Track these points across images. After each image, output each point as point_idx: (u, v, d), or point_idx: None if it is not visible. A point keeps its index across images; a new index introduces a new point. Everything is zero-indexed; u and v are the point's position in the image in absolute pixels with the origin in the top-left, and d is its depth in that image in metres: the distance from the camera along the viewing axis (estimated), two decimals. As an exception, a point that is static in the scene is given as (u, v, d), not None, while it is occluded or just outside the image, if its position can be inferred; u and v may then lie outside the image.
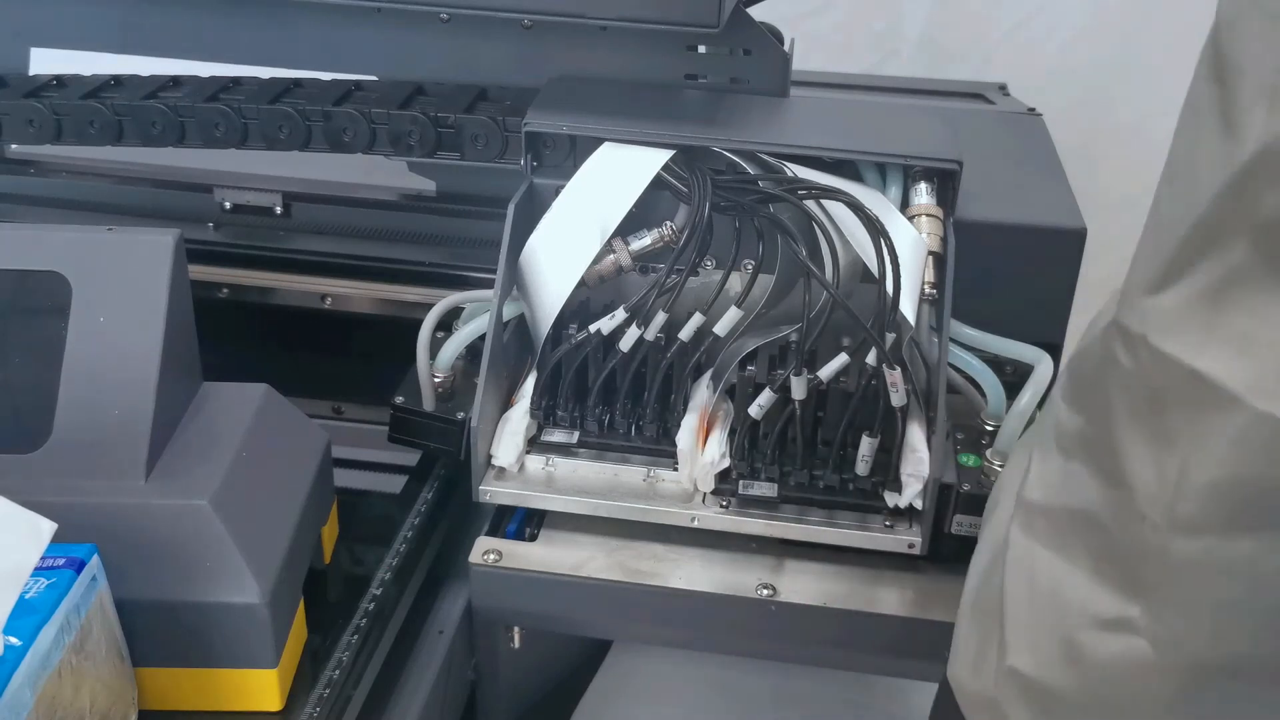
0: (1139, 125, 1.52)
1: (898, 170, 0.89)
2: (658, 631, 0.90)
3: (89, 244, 0.73)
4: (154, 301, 0.72)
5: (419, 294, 1.04)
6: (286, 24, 1.05)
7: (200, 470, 0.71)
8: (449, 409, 0.89)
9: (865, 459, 0.83)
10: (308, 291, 1.06)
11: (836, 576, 0.85)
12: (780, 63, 0.98)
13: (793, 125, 0.93)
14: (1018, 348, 0.87)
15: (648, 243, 0.87)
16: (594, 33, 0.97)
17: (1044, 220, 0.91)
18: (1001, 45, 1.57)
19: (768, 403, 0.82)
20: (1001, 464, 0.83)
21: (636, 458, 0.88)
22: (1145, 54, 1.51)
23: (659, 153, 0.86)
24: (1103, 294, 0.61)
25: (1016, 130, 1.12)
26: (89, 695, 0.63)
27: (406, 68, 1.05)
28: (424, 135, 1.00)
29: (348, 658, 0.77)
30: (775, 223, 0.82)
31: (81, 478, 0.69)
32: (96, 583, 0.64)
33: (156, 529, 0.69)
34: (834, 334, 0.81)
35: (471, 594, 0.87)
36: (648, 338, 0.83)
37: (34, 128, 1.03)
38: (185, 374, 0.77)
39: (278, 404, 0.80)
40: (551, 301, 0.85)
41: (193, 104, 1.01)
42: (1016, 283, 0.90)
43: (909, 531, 0.83)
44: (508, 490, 0.86)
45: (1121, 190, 1.53)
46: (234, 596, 0.68)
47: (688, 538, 0.87)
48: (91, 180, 1.15)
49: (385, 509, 0.92)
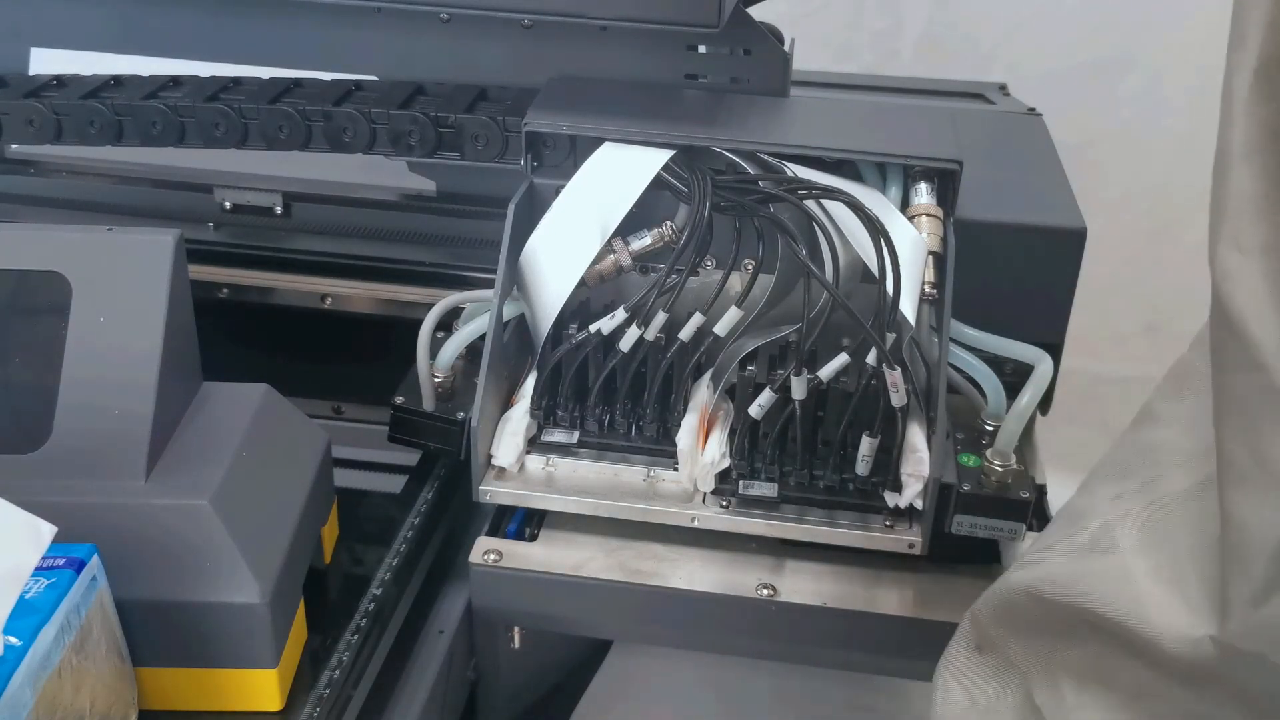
0: (1139, 125, 1.52)
1: (898, 170, 0.89)
2: (658, 631, 0.90)
3: (89, 244, 0.73)
4: (154, 301, 0.72)
5: (419, 294, 1.04)
6: (286, 24, 1.05)
7: (200, 470, 0.71)
8: (449, 409, 0.89)
9: (865, 459, 0.83)
10: (308, 291, 1.06)
11: (836, 576, 0.85)
12: (780, 63, 0.98)
13: (793, 125, 0.93)
14: (1018, 348, 0.87)
15: (648, 243, 0.87)
16: (594, 33, 0.97)
17: (1044, 220, 0.91)
18: (1001, 45, 1.57)
19: (768, 403, 0.82)
20: (1001, 464, 0.83)
21: (636, 458, 0.88)
22: (1145, 54, 1.51)
23: (659, 153, 0.86)
24: (1103, 294, 0.60)
25: (1016, 130, 1.12)
26: (89, 695, 0.63)
27: (406, 68, 1.05)
28: (424, 135, 1.00)
29: (348, 658, 0.77)
30: (775, 223, 0.81)
31: (81, 478, 0.69)
32: (96, 583, 0.64)
33: (156, 529, 0.69)
34: (834, 334, 0.81)
35: (471, 594, 0.87)
36: (648, 338, 0.83)
37: (34, 128, 1.03)
38: (185, 374, 0.77)
39: (278, 404, 0.80)
40: (551, 301, 0.85)
41: (193, 104, 1.01)
42: (1016, 283, 0.90)
43: (909, 531, 0.83)
44: (508, 490, 0.86)
45: (1121, 190, 1.53)
46: (234, 596, 0.68)
47: (688, 538, 0.87)
48: (91, 180, 1.15)
49: (385, 509, 0.92)
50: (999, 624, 0.66)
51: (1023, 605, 0.64)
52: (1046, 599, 0.61)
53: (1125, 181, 1.52)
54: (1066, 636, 0.62)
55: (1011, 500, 0.81)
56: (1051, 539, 0.64)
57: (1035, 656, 0.64)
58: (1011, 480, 0.81)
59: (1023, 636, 0.65)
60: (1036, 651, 0.64)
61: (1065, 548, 0.62)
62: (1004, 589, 0.66)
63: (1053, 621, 0.62)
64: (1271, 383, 0.46)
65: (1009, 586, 0.65)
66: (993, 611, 0.67)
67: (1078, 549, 0.61)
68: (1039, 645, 0.64)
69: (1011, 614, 0.65)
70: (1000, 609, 0.66)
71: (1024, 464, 0.83)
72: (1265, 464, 0.47)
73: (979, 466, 0.83)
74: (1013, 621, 0.66)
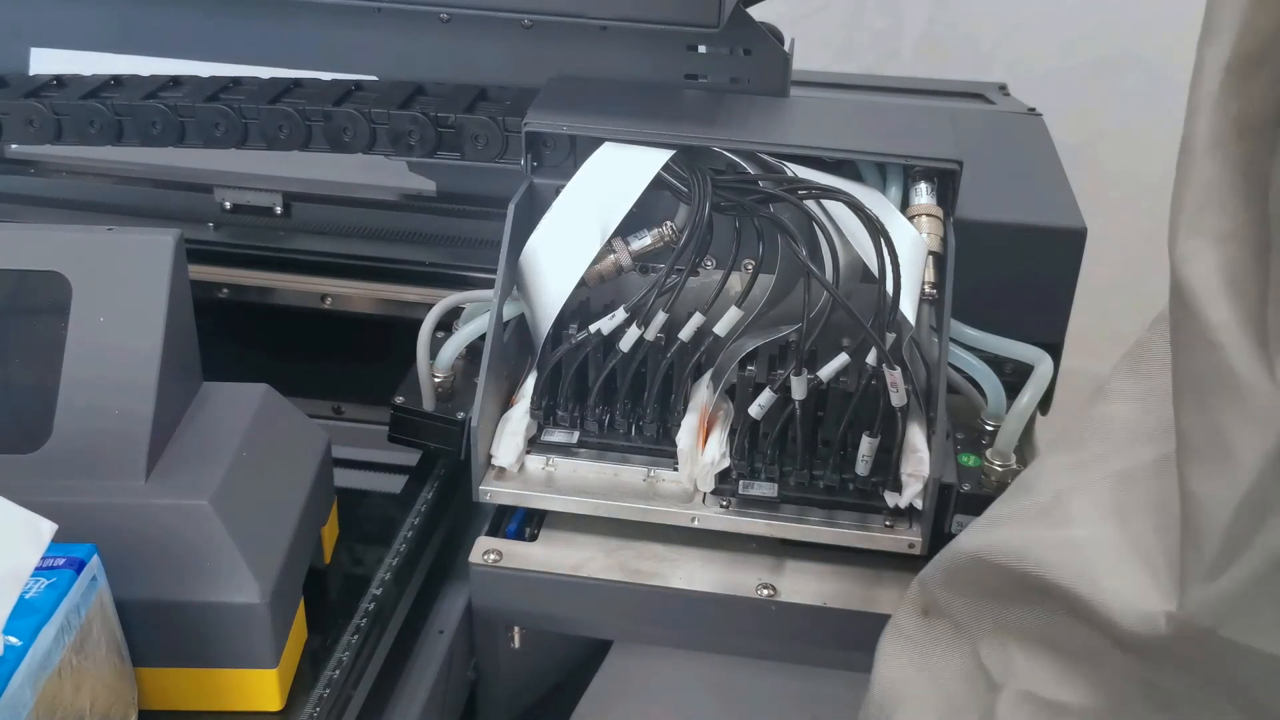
0: (1139, 125, 1.52)
1: (898, 170, 0.89)
2: (658, 631, 0.90)
3: (89, 244, 0.73)
4: (154, 301, 0.72)
5: (419, 294, 1.04)
6: (286, 24, 1.05)
7: (200, 470, 0.71)
8: (449, 409, 0.89)
9: (865, 459, 0.83)
10: (308, 291, 1.06)
11: (836, 576, 0.85)
12: (780, 63, 0.98)
13: (793, 125, 0.93)
14: (1018, 348, 0.87)
15: (648, 243, 0.87)
16: (594, 33, 0.97)
17: (1044, 220, 0.91)
18: (1001, 45, 1.57)
19: (768, 403, 0.82)
20: (1001, 464, 0.83)
21: (636, 458, 0.88)
22: (1145, 54, 1.51)
23: (659, 153, 0.86)
24: (1103, 294, 0.61)
25: (1016, 130, 1.12)
26: (89, 695, 0.63)
27: (406, 68, 1.05)
28: (424, 135, 1.00)
29: (348, 658, 0.77)
30: (775, 223, 0.81)
31: (81, 478, 0.69)
32: (96, 583, 0.64)
33: (156, 529, 0.69)
34: (834, 334, 0.81)
35: (471, 594, 0.87)
36: (648, 338, 0.83)
37: (34, 128, 1.03)
38: (185, 374, 0.77)
39: (278, 404, 0.80)
40: (551, 301, 0.85)
41: (193, 104, 1.01)
42: (1016, 283, 0.90)
43: (909, 531, 0.83)
44: (508, 490, 0.86)
45: (1121, 190, 1.53)
46: (234, 596, 0.68)
47: (688, 538, 0.87)
48: (91, 180, 1.15)
49: (385, 509, 0.92)
50: (947, 588, 0.67)
51: (971, 569, 0.64)
52: (996, 564, 0.62)
53: (1125, 181, 1.52)
54: (1016, 601, 0.62)
55: (1011, 500, 0.81)
56: (1002, 507, 0.64)
57: (983, 619, 0.65)
58: (1011, 480, 0.81)
59: (971, 599, 0.65)
60: (984, 614, 0.65)
61: (1015, 515, 0.63)
62: (952, 554, 0.66)
63: (1002, 586, 0.62)
64: (1224, 360, 0.48)
65: (957, 551, 0.66)
66: (941, 576, 0.67)
67: (1028, 517, 0.61)
68: (987, 608, 0.64)
69: (960, 578, 0.66)
70: (948, 573, 0.67)
71: (1024, 464, 0.83)
72: (1218, 440, 0.48)
73: (979, 466, 0.83)
74: (961, 585, 0.66)
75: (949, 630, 0.67)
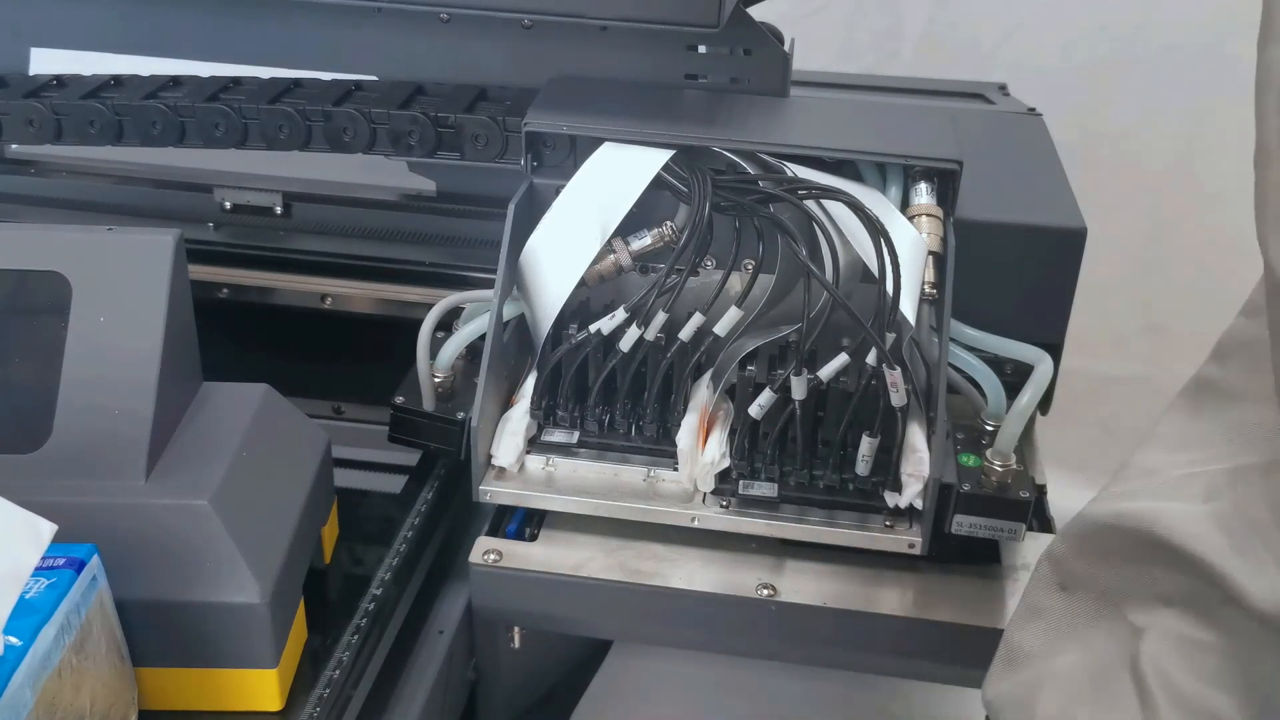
0: (1138, 125, 1.52)
1: (898, 170, 0.89)
2: (658, 631, 0.90)
3: (89, 244, 0.73)
4: (154, 301, 0.72)
5: (419, 294, 1.04)
6: (286, 24, 1.05)
7: (200, 470, 0.71)
8: (449, 409, 0.89)
9: (865, 459, 0.83)
10: (308, 291, 1.06)
11: (836, 576, 0.85)
12: (780, 63, 0.98)
13: (793, 125, 0.93)
14: (1018, 348, 0.88)
15: (648, 243, 0.87)
16: (594, 33, 0.97)
17: (1044, 220, 0.91)
18: (1001, 45, 1.57)
19: (768, 403, 0.82)
20: (1001, 464, 0.83)
21: (636, 458, 0.88)
22: (1145, 54, 1.51)
23: (659, 153, 0.86)
24: (1103, 294, 0.61)
25: (1016, 130, 1.12)
26: (89, 695, 0.63)
27: (406, 68, 1.05)
28: (424, 135, 1.00)
29: (348, 658, 0.77)
30: (775, 223, 0.81)
31: (81, 478, 0.69)
32: (96, 583, 0.64)
33: (156, 529, 0.69)
34: (834, 334, 0.81)
35: (471, 594, 0.87)
36: (648, 338, 0.83)
37: (34, 128, 1.03)
38: (185, 374, 0.77)
39: (278, 404, 0.80)
40: (551, 301, 0.85)
41: (193, 104, 1.01)
42: (1016, 283, 0.90)
43: (909, 531, 0.83)
44: (508, 490, 0.86)
45: (1121, 190, 1.53)
46: (234, 596, 0.68)
47: (688, 538, 0.87)
48: (91, 180, 1.15)
49: (385, 509, 0.92)
50: (1083, 557, 0.65)
51: (1106, 536, 0.63)
52: (1129, 529, 0.61)
53: (1125, 181, 1.52)
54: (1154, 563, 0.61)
55: (1011, 500, 0.81)
56: (1127, 483, 0.63)
57: (1127, 580, 0.63)
58: (1011, 480, 0.81)
59: (1112, 565, 0.63)
60: (1128, 576, 0.63)
61: (1144, 490, 0.61)
62: (1080, 525, 0.65)
63: (1140, 549, 0.61)
64: None
65: (1086, 522, 0.64)
66: (1074, 547, 0.65)
67: (1158, 491, 0.61)
68: (1129, 571, 0.63)
69: (1095, 545, 0.64)
70: (1081, 543, 0.65)
71: (1024, 464, 0.83)
72: None
73: (979, 466, 0.83)
74: (1099, 553, 0.64)
75: (1092, 599, 0.66)
